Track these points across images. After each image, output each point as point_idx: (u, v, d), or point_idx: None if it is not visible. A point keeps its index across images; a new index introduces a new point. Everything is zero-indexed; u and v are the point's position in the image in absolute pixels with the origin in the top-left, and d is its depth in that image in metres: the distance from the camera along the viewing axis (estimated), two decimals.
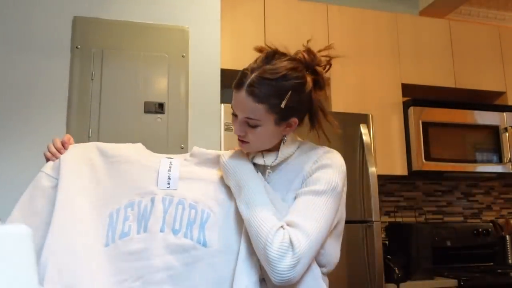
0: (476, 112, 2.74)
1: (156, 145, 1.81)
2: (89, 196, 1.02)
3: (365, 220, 2.13)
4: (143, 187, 1.03)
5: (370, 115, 2.31)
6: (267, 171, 1.07)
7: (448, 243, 2.76)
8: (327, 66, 1.12)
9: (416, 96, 2.81)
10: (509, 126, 2.75)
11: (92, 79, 1.79)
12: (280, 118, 1.03)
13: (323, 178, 0.99)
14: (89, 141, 1.74)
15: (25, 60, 1.75)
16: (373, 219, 2.13)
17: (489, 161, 2.70)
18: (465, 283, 2.28)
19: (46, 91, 1.75)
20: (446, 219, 3.04)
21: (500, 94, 2.95)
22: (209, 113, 1.90)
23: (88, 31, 1.82)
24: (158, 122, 1.82)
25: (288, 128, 1.07)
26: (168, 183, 1.03)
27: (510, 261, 2.85)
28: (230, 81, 2.98)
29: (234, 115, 1.06)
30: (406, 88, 2.74)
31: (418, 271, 2.31)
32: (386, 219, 2.85)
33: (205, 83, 1.91)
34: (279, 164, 1.09)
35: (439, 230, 2.77)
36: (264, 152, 1.09)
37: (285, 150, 1.09)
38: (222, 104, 2.03)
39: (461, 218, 3.08)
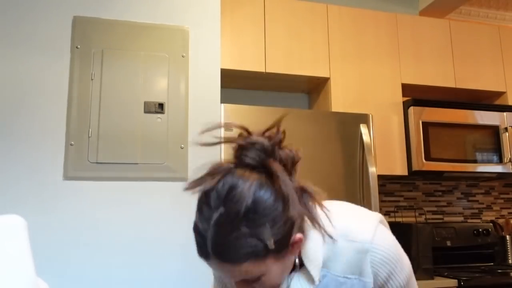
0: (476, 112, 2.74)
1: (156, 145, 1.82)
2: None
3: None
4: None
5: (370, 115, 2.31)
6: None
7: (448, 243, 2.76)
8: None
9: (416, 96, 2.81)
10: (509, 126, 2.75)
11: (92, 79, 1.79)
12: (278, 251, 0.76)
13: (400, 284, 0.87)
14: (89, 141, 1.74)
15: (25, 60, 1.75)
16: None
17: (489, 161, 2.70)
18: (465, 283, 2.27)
19: (46, 91, 1.75)
20: (446, 219, 3.04)
21: (500, 94, 2.95)
22: (209, 113, 1.90)
23: (88, 31, 1.82)
24: (158, 122, 1.82)
25: (297, 249, 0.82)
26: None
27: (510, 261, 2.85)
28: (230, 81, 2.99)
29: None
30: (406, 88, 2.74)
31: (418, 271, 2.31)
32: (386, 219, 2.85)
33: (205, 83, 1.91)
34: (321, 281, 0.87)
35: (439, 230, 2.77)
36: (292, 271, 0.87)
37: (312, 261, 0.84)
38: (222, 104, 2.03)
39: (461, 218, 3.08)
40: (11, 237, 0.63)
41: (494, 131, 2.74)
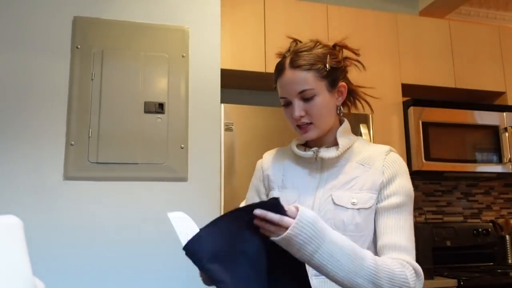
0: (476, 112, 2.74)
1: (156, 145, 1.82)
2: None
3: None
4: None
5: (370, 115, 2.31)
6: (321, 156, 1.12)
7: (448, 243, 2.76)
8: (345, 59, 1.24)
9: (416, 96, 2.81)
10: (509, 126, 2.75)
11: (92, 79, 1.79)
12: (330, 84, 1.12)
13: (402, 189, 1.07)
14: (89, 141, 1.74)
15: (25, 60, 1.75)
16: None
17: (489, 161, 2.70)
18: (465, 283, 2.28)
19: (46, 91, 1.75)
20: (446, 219, 3.04)
21: (500, 94, 2.95)
22: (209, 113, 1.90)
23: (88, 31, 1.82)
24: (158, 122, 1.82)
25: (340, 97, 1.17)
26: None
27: (510, 261, 2.85)
28: (230, 81, 2.98)
29: (286, 105, 1.13)
30: (406, 88, 2.74)
31: None
32: None
33: (205, 83, 1.91)
34: (339, 160, 1.13)
35: (439, 230, 2.77)
36: (323, 146, 1.16)
37: (343, 139, 1.15)
38: (222, 104, 2.03)
39: (461, 218, 3.08)
40: (6, 237, 0.63)
41: (494, 131, 2.74)
